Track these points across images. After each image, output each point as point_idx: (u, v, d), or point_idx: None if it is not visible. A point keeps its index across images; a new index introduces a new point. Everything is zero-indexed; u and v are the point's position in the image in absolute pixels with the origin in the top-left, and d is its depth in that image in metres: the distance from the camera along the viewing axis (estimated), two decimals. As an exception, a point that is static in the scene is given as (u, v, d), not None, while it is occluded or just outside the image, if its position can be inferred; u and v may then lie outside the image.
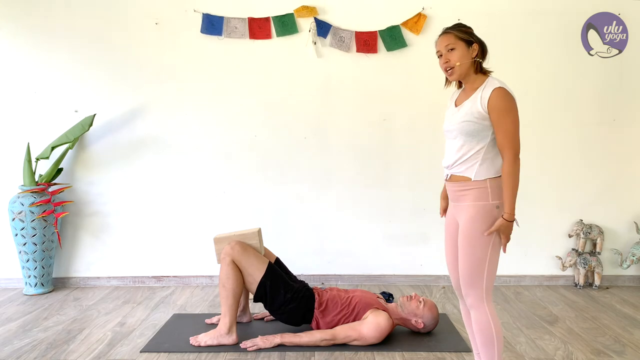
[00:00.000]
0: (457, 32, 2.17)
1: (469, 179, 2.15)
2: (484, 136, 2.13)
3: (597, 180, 4.06)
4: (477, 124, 2.12)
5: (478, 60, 2.18)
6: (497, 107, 2.08)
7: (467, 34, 2.18)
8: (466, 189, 2.16)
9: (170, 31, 3.93)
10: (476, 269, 2.14)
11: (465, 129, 2.14)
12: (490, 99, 2.09)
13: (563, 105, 4.00)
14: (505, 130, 2.09)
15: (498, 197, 2.12)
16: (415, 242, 4.10)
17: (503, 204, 2.12)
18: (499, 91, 2.09)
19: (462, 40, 2.16)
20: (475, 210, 2.13)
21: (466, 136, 2.14)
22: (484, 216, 2.12)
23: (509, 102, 2.09)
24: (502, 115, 2.08)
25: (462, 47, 2.16)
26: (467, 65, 2.17)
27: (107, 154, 4.02)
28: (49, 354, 2.83)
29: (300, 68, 3.96)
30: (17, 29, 3.92)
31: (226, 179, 4.05)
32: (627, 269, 4.03)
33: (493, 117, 2.09)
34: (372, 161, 4.03)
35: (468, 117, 2.13)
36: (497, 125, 2.10)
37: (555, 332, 3.15)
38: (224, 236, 3.09)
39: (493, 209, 2.12)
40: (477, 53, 2.17)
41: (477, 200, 2.13)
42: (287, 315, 2.99)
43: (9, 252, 4.01)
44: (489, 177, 2.13)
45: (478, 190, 2.13)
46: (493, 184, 2.13)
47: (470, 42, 2.17)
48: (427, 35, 3.90)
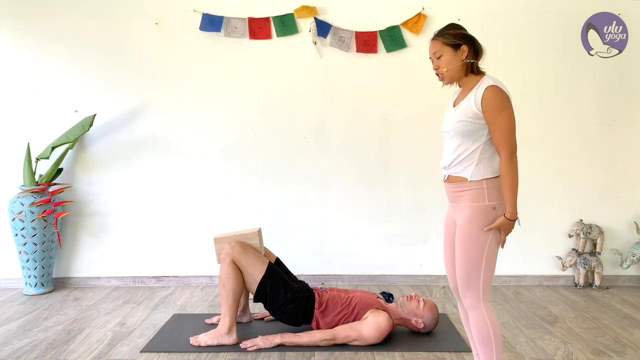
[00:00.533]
0: (442, 38, 2.17)
1: (466, 179, 2.15)
2: (480, 136, 2.13)
3: (597, 180, 4.06)
4: (473, 123, 2.11)
5: (469, 62, 2.17)
6: (490, 106, 2.08)
7: (454, 37, 2.16)
8: (463, 189, 2.16)
9: (170, 31, 3.93)
10: (473, 270, 2.13)
11: (461, 129, 2.13)
12: (484, 97, 2.09)
13: (563, 105, 4.00)
14: (500, 129, 2.08)
15: (495, 198, 2.12)
16: (415, 242, 4.10)
17: (501, 204, 2.12)
18: (492, 89, 2.09)
19: (448, 45, 2.16)
20: (472, 211, 2.13)
21: (462, 136, 2.14)
22: (481, 217, 2.12)
23: (502, 100, 2.08)
24: (496, 113, 2.08)
25: (448, 52, 2.16)
26: (457, 68, 2.17)
27: (107, 154, 4.02)
28: (49, 354, 2.83)
29: (300, 68, 3.96)
30: (17, 29, 3.92)
31: (226, 179, 4.05)
32: (627, 269, 4.03)
33: (487, 116, 2.09)
34: (372, 161, 4.03)
35: (463, 117, 2.13)
36: (492, 124, 2.09)
37: (555, 332, 3.15)
38: (224, 236, 3.09)
39: (490, 210, 2.12)
40: (467, 55, 2.16)
41: (474, 201, 2.13)
42: (287, 316, 2.99)
43: (9, 252, 4.01)
44: (486, 178, 2.13)
45: (475, 191, 2.13)
46: (490, 184, 2.12)
47: (458, 45, 2.15)
48: (427, 36, 3.88)
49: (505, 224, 2.11)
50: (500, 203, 2.13)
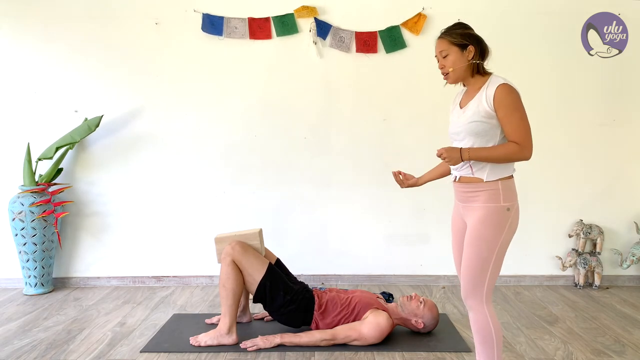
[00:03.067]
0: (450, 37, 2.16)
1: (481, 180, 2.13)
2: (493, 135, 2.11)
3: (597, 180, 4.06)
4: (485, 123, 2.10)
5: (475, 62, 2.16)
6: (503, 104, 2.06)
7: (462, 36, 2.15)
8: (478, 190, 2.14)
9: (170, 31, 3.93)
10: (481, 271, 2.12)
11: (473, 130, 2.11)
12: (496, 95, 2.07)
13: (563, 105, 4.00)
14: (515, 126, 2.07)
15: (509, 199, 2.11)
16: (415, 242, 4.10)
17: (514, 205, 2.12)
18: (504, 87, 2.08)
19: (455, 45, 2.15)
20: (486, 212, 2.11)
21: (475, 137, 2.12)
22: (494, 218, 2.10)
23: (514, 98, 2.07)
24: (509, 111, 2.06)
25: (455, 52, 2.15)
26: (463, 68, 2.16)
27: (107, 154, 4.02)
28: (49, 354, 2.83)
29: (300, 68, 3.96)
30: (17, 29, 3.92)
31: (226, 179, 4.05)
32: (627, 269, 4.03)
33: (500, 114, 2.07)
34: (372, 161, 4.03)
35: (476, 117, 2.11)
36: (506, 122, 2.07)
37: (555, 332, 3.15)
38: (224, 236, 3.08)
39: (504, 211, 2.10)
40: (474, 55, 2.15)
41: (489, 202, 2.11)
42: (287, 317, 2.99)
43: (9, 252, 4.01)
44: (501, 178, 2.12)
45: (490, 192, 2.11)
46: (504, 185, 2.11)
47: (465, 45, 2.15)
48: (427, 36, 3.90)
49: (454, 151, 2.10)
50: (513, 204, 2.12)
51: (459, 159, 2.11)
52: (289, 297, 2.94)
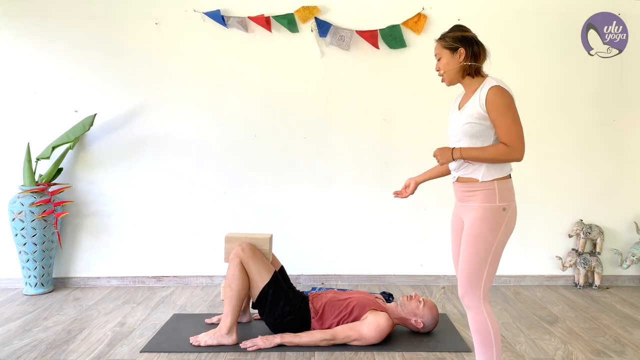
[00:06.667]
0: (442, 41, 2.26)
1: (477, 180, 2.16)
2: (487, 136, 2.15)
3: (597, 180, 4.06)
4: (479, 124, 2.13)
5: (467, 65, 2.19)
6: (495, 105, 2.10)
7: (453, 40, 2.21)
8: (474, 190, 2.17)
9: (170, 31, 3.93)
10: (477, 270, 2.14)
11: (468, 131, 2.15)
12: (488, 97, 2.11)
13: (563, 105, 4.00)
14: (506, 128, 2.09)
15: (505, 199, 2.14)
16: (415, 242, 4.10)
17: (510, 205, 2.15)
18: (495, 89, 2.11)
19: (446, 48, 2.23)
20: (482, 212, 2.14)
21: (469, 138, 2.16)
22: (490, 218, 2.13)
23: (506, 100, 2.10)
24: (500, 113, 2.09)
25: (446, 55, 2.23)
26: (454, 71, 2.22)
27: (107, 154, 4.02)
28: (49, 354, 2.83)
29: (300, 68, 3.96)
30: (17, 29, 3.92)
31: (226, 179, 4.05)
32: (627, 269, 4.03)
33: (492, 116, 2.11)
34: (372, 161, 4.03)
35: (469, 119, 2.15)
36: (497, 124, 2.11)
37: (555, 332, 3.15)
38: (235, 236, 3.08)
39: (500, 211, 2.13)
40: (464, 57, 2.19)
41: (485, 201, 2.14)
42: (284, 327, 2.97)
43: (9, 252, 4.01)
44: (496, 178, 2.14)
45: (486, 192, 2.14)
46: (501, 185, 2.14)
47: (456, 48, 2.20)
48: (427, 35, 3.90)
49: (446, 151, 2.19)
50: (510, 204, 2.15)
51: (449, 158, 2.18)
52: (287, 309, 2.93)
